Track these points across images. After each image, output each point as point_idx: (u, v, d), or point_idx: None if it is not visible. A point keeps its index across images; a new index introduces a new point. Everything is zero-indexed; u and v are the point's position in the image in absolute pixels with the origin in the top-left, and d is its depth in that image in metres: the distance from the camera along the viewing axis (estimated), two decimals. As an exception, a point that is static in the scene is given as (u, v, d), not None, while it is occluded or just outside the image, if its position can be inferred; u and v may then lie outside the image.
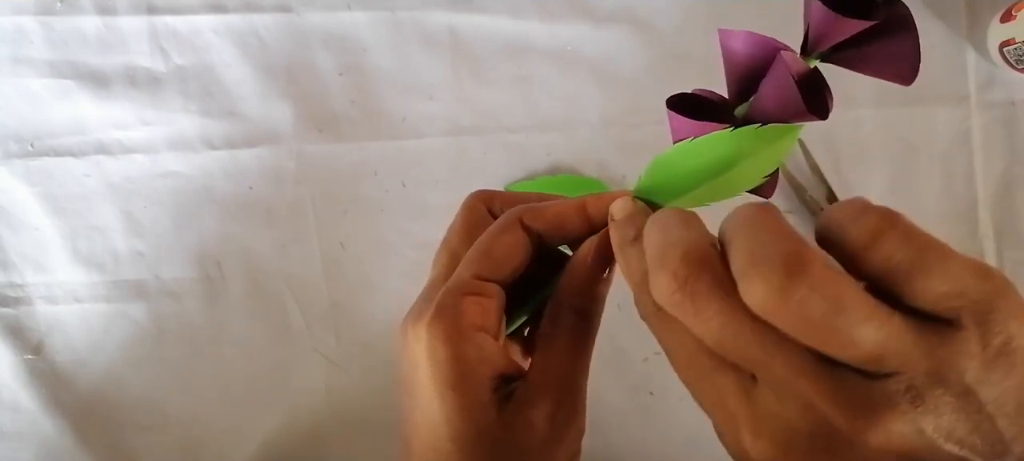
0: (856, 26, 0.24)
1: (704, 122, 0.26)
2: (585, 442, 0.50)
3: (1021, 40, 0.48)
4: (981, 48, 0.52)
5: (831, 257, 0.20)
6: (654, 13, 0.52)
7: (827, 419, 0.19)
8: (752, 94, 0.27)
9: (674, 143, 0.27)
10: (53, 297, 0.50)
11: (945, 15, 0.53)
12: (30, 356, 0.50)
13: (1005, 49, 0.50)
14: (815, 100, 0.25)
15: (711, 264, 0.20)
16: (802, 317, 0.18)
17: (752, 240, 0.19)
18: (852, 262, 0.20)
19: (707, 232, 0.22)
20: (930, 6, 0.53)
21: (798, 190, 0.50)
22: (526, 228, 0.30)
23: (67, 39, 0.51)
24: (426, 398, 0.28)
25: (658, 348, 0.56)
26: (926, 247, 0.19)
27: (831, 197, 0.50)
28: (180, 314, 0.50)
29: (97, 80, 0.51)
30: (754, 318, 0.19)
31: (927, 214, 0.52)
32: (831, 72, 0.55)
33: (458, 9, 0.52)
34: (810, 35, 0.26)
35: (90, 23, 0.51)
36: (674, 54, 0.52)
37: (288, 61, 0.52)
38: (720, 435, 0.22)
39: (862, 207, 0.20)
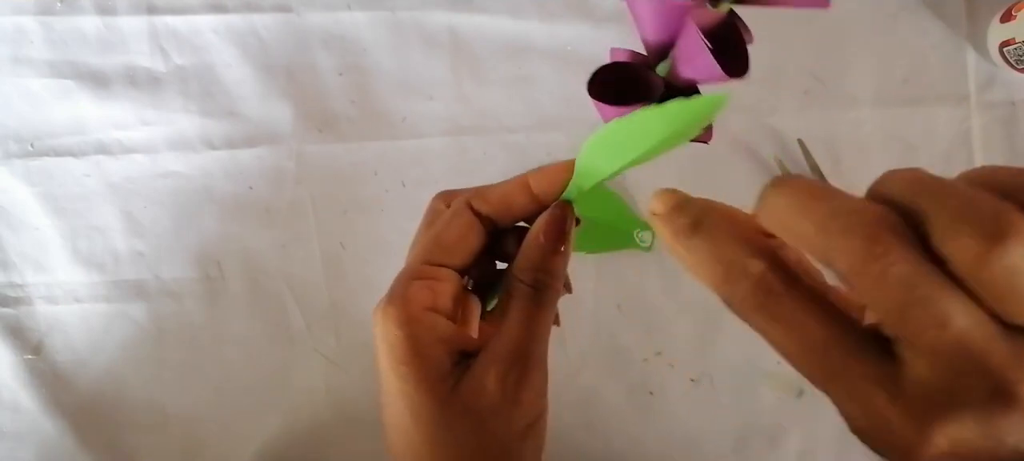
0: None
1: (629, 106, 0.26)
2: (583, 438, 0.50)
3: (1021, 40, 0.48)
4: (981, 48, 0.52)
5: None
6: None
7: (997, 382, 0.18)
8: (670, 51, 0.26)
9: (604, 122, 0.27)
10: (53, 297, 0.50)
11: (945, 15, 0.53)
12: (30, 356, 0.50)
13: (1005, 49, 0.50)
14: (733, 56, 0.24)
15: (897, 226, 0.19)
16: (1009, 276, 0.17)
17: (955, 199, 0.18)
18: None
19: (860, 197, 0.21)
20: (930, 6, 0.53)
21: (798, 190, 0.50)
22: (476, 213, 0.31)
23: (67, 39, 0.51)
24: (386, 377, 0.30)
25: (658, 348, 0.56)
26: None
27: (831, 197, 0.50)
28: (180, 314, 0.50)
29: (97, 80, 0.51)
30: (943, 277, 0.18)
31: (927, 214, 0.52)
32: (832, 72, 0.55)
33: (458, 9, 0.52)
34: None
35: (90, 23, 0.51)
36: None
37: (288, 61, 0.52)
38: (848, 416, 0.21)
39: (980, 200, 0.19)
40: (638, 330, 0.51)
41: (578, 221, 0.32)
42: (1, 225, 0.51)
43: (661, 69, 0.27)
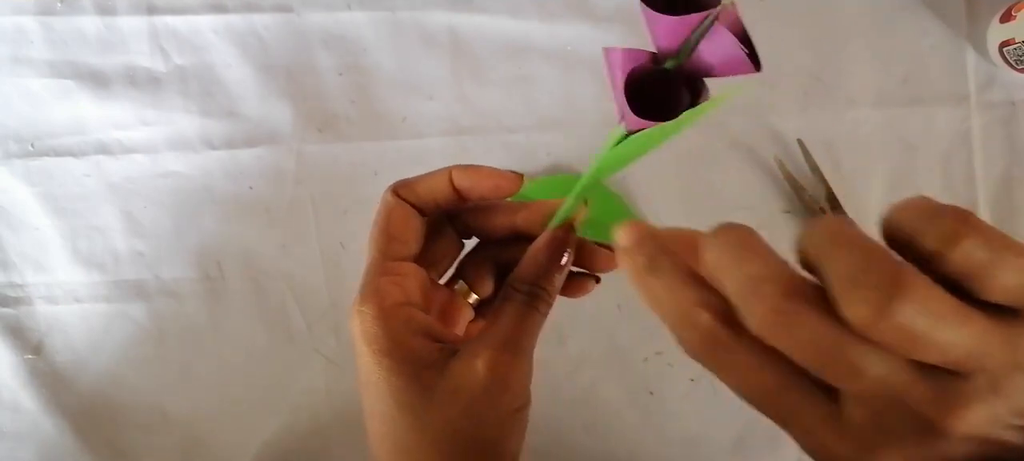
0: None
1: (658, 117, 0.27)
2: (582, 438, 0.50)
3: (1021, 40, 0.49)
4: (981, 48, 0.52)
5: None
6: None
7: (919, 416, 0.20)
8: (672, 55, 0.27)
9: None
10: (53, 297, 0.50)
11: (945, 15, 0.53)
12: (30, 356, 0.50)
13: (1005, 49, 0.50)
14: (751, 51, 0.26)
15: (806, 291, 0.20)
16: (904, 332, 0.19)
17: (848, 261, 0.20)
18: (928, 263, 0.20)
19: (782, 259, 0.22)
20: (930, 6, 0.53)
21: (798, 190, 0.50)
22: (407, 202, 0.33)
23: (67, 39, 0.51)
24: (368, 371, 0.30)
25: (658, 348, 0.56)
26: (1003, 244, 0.21)
27: (831, 197, 0.50)
28: (180, 314, 0.50)
29: (97, 80, 0.51)
30: (850, 334, 0.20)
31: (927, 214, 0.52)
32: (832, 72, 0.55)
33: (458, 9, 0.52)
34: None
35: (90, 23, 0.51)
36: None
37: (288, 61, 0.52)
38: (795, 438, 0.23)
39: (934, 208, 0.21)
40: (638, 330, 0.51)
41: (574, 229, 0.33)
42: (1, 225, 0.51)
43: (669, 65, 0.28)
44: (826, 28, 0.53)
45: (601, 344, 0.51)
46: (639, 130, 0.27)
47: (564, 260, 0.32)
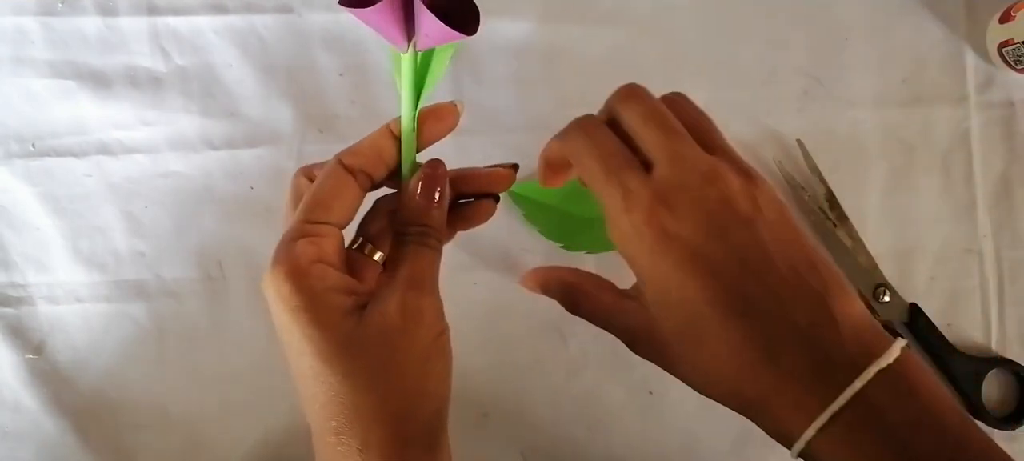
0: None
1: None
2: (583, 438, 0.50)
3: (1020, 40, 0.49)
4: (980, 48, 0.52)
5: None
6: (654, 14, 0.53)
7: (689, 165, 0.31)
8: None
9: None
10: (54, 297, 0.50)
11: (944, 15, 0.53)
12: (31, 356, 0.50)
13: (1004, 49, 0.50)
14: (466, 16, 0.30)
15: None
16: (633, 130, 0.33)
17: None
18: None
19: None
20: (929, 6, 0.53)
21: (797, 190, 0.51)
22: (350, 170, 0.34)
23: (68, 39, 0.51)
24: (288, 332, 0.32)
25: (658, 348, 0.55)
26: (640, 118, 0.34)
27: (830, 197, 0.51)
28: (181, 314, 0.50)
29: (98, 80, 0.51)
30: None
31: (926, 214, 0.52)
32: (831, 73, 0.55)
33: (458, 9, 0.52)
34: None
35: (91, 23, 0.51)
36: (673, 55, 0.52)
37: (289, 61, 0.52)
38: (614, 222, 0.32)
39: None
40: (638, 330, 0.51)
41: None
42: (2, 225, 0.51)
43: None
44: (826, 28, 0.53)
45: (601, 344, 0.51)
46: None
47: (437, 195, 0.34)
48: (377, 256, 0.37)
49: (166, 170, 0.51)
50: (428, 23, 0.30)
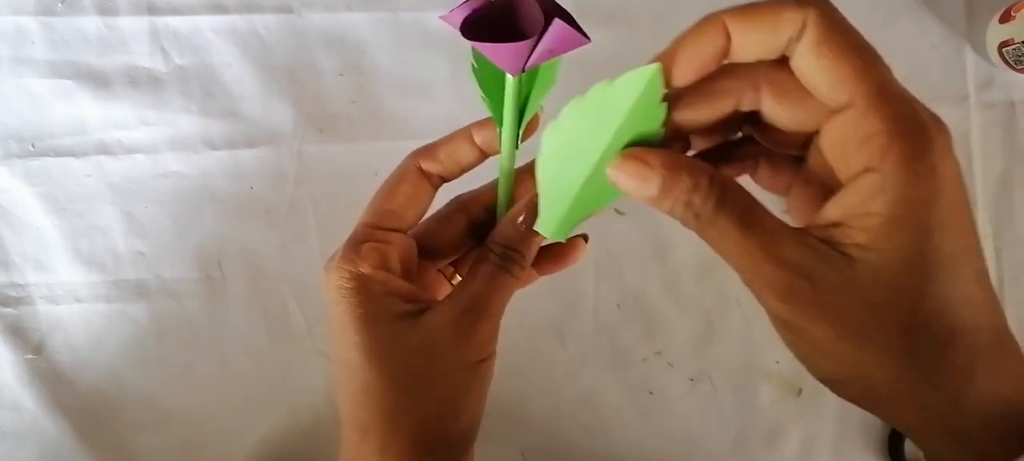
0: None
1: (513, 40, 0.28)
2: (583, 438, 0.50)
3: (1020, 40, 0.49)
4: (980, 49, 0.52)
5: None
6: (654, 14, 0.52)
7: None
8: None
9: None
10: (54, 297, 0.50)
11: (944, 15, 0.53)
12: (31, 356, 0.50)
13: (1004, 50, 0.50)
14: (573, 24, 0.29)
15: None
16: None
17: None
18: None
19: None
20: (930, 6, 0.53)
21: (797, 190, 0.50)
22: (426, 174, 0.34)
23: (68, 39, 0.51)
24: (339, 324, 0.32)
25: (658, 348, 0.56)
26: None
27: (830, 197, 0.50)
28: (181, 314, 0.50)
29: (98, 80, 0.51)
30: None
31: (926, 214, 0.52)
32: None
33: (458, 9, 0.52)
34: None
35: (91, 23, 0.51)
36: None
37: (289, 61, 0.52)
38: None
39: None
40: (638, 330, 0.51)
41: None
42: (2, 225, 0.51)
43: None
44: (826, 28, 0.53)
45: (601, 344, 0.51)
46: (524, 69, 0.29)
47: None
48: (456, 280, 0.37)
49: (166, 170, 0.51)
50: (559, 34, 0.28)
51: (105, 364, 0.50)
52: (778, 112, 0.27)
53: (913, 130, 0.23)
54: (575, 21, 0.29)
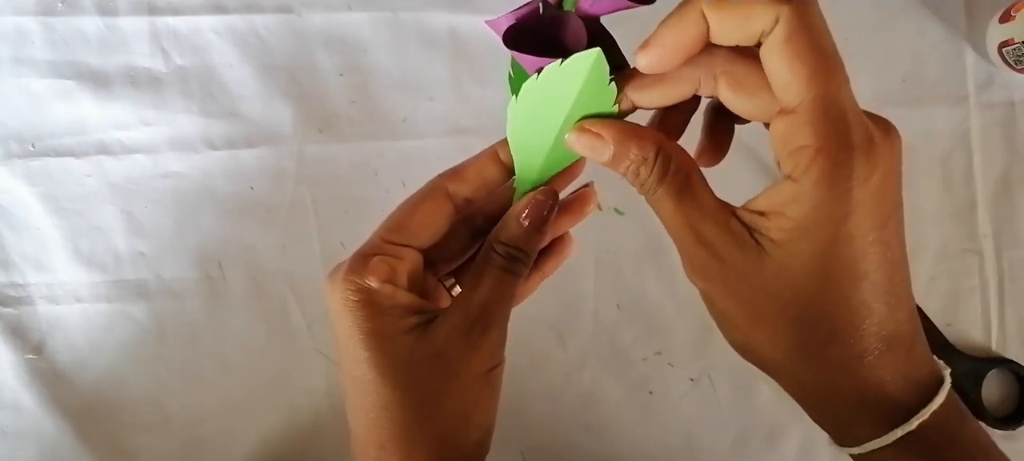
0: None
1: (554, 56, 0.29)
2: (582, 438, 0.50)
3: (1020, 40, 0.49)
4: (980, 49, 0.52)
5: None
6: (654, 14, 0.52)
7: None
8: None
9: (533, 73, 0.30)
10: (54, 297, 0.50)
11: (944, 15, 0.53)
12: (31, 356, 0.50)
13: (1004, 50, 0.50)
14: None
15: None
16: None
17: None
18: None
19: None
20: (930, 6, 0.53)
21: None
22: (451, 196, 0.33)
23: (68, 39, 0.51)
24: (345, 337, 0.31)
25: (658, 348, 0.56)
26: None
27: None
28: (181, 314, 0.50)
29: (98, 80, 0.51)
30: None
31: (926, 214, 0.52)
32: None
33: (458, 9, 0.52)
34: None
35: (91, 23, 0.51)
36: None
37: (289, 61, 0.52)
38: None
39: None
40: (638, 330, 0.51)
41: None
42: (2, 225, 0.51)
43: (567, 4, 0.30)
44: (826, 28, 0.53)
45: (601, 344, 0.51)
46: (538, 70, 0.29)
47: (543, 223, 0.33)
48: (456, 291, 0.36)
49: (166, 170, 0.51)
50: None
51: (105, 364, 0.50)
52: (733, 101, 0.29)
53: (839, 152, 0.25)
54: (617, 46, 0.30)
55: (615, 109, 0.30)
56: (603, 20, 0.30)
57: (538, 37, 0.29)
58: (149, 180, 0.51)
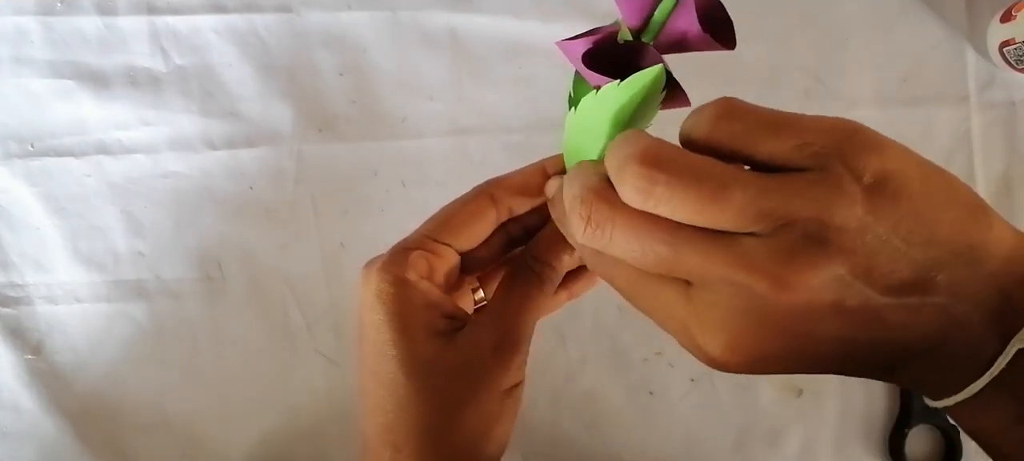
0: None
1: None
2: (583, 438, 0.50)
3: (1021, 40, 0.49)
4: (981, 48, 0.52)
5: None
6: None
7: (751, 289, 0.21)
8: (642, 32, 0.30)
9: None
10: (53, 297, 0.50)
11: (945, 15, 0.53)
12: (30, 356, 0.50)
13: (1005, 49, 0.50)
14: (723, 29, 0.28)
15: (605, 192, 0.23)
16: (675, 199, 0.21)
17: (614, 153, 0.22)
18: (709, 152, 0.22)
19: (599, 169, 0.25)
20: (930, 6, 0.53)
21: (798, 190, 0.50)
22: (496, 201, 0.33)
23: (68, 39, 0.51)
24: (375, 330, 0.31)
25: (658, 348, 0.56)
26: (766, 114, 0.23)
27: (831, 197, 0.50)
28: (180, 314, 0.50)
29: (97, 80, 0.51)
30: (655, 223, 0.21)
31: (927, 214, 0.52)
32: (832, 72, 0.55)
33: (458, 9, 0.52)
34: None
35: (90, 23, 0.51)
36: (673, 54, 0.52)
37: (288, 61, 0.52)
38: (682, 344, 0.26)
39: (701, 107, 0.24)
40: (638, 330, 0.51)
41: None
42: (1, 225, 0.51)
43: (646, 37, 0.30)
44: (826, 28, 0.53)
45: (601, 344, 0.51)
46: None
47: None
48: (478, 295, 0.37)
49: (166, 170, 0.51)
50: (689, 22, 0.28)
51: (105, 364, 0.50)
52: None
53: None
54: (681, 86, 0.30)
55: (650, 123, 0.30)
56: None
57: (612, 62, 0.29)
58: (149, 180, 0.51)
